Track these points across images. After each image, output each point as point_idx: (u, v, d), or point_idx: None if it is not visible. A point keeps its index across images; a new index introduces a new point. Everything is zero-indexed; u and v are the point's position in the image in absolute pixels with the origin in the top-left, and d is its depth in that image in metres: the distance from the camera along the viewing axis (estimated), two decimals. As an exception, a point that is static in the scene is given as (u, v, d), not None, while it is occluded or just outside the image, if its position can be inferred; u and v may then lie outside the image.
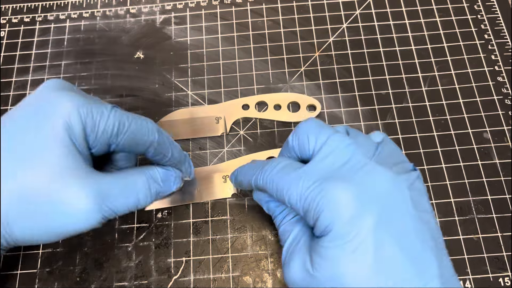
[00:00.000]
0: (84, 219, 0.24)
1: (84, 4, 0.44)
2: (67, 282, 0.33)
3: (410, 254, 0.23)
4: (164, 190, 0.29)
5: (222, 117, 0.38)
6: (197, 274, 0.33)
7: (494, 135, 0.37)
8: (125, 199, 0.26)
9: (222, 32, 0.42)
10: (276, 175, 0.26)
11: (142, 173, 0.28)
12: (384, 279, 0.22)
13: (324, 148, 0.26)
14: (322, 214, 0.23)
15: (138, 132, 0.26)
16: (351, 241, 0.23)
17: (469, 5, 0.43)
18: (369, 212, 0.23)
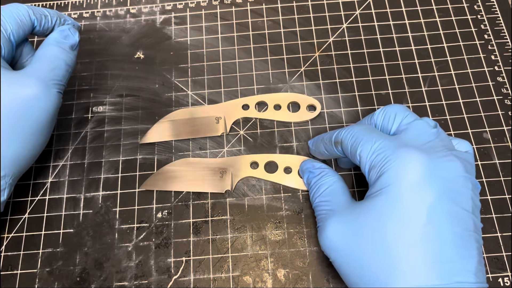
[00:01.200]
0: (44, 99, 0.30)
1: (84, 4, 0.44)
2: (67, 282, 0.33)
3: (457, 242, 0.24)
4: (72, 42, 0.34)
5: (222, 117, 0.38)
6: (197, 274, 0.33)
7: (494, 136, 0.37)
8: (57, 68, 0.32)
9: (222, 32, 0.42)
10: (359, 130, 0.29)
11: (46, 44, 0.33)
12: (424, 250, 0.23)
13: (410, 127, 0.28)
14: (388, 172, 0.25)
15: (12, 11, 0.31)
16: (407, 206, 0.24)
17: (469, 5, 0.43)
18: (434, 185, 0.24)
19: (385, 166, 0.26)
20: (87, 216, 0.35)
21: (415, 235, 0.24)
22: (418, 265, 0.23)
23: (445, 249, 0.23)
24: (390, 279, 0.24)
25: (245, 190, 0.35)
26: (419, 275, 0.23)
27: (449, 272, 0.23)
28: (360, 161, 0.28)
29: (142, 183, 0.36)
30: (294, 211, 0.35)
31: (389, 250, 0.24)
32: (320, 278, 0.32)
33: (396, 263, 0.24)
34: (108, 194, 0.36)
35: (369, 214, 0.26)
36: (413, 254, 0.24)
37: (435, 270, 0.23)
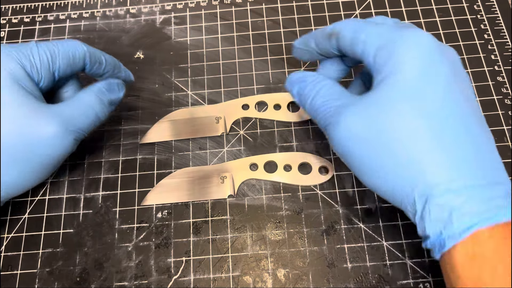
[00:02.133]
0: (58, 143, 0.29)
1: (84, 4, 0.44)
2: (67, 282, 0.33)
3: (478, 120, 0.25)
4: (114, 98, 0.33)
5: (222, 117, 0.38)
6: (197, 274, 0.33)
7: (494, 135, 0.36)
8: (85, 116, 0.30)
9: (222, 32, 0.42)
10: (358, 21, 0.28)
11: (88, 91, 0.32)
12: (451, 125, 0.24)
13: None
14: (400, 48, 0.25)
15: (68, 50, 0.30)
16: (426, 86, 0.24)
17: (468, 5, 0.43)
18: (444, 65, 0.25)
19: (393, 46, 0.25)
20: (87, 216, 0.35)
21: (435, 113, 0.24)
22: (445, 141, 0.23)
23: (466, 123, 0.24)
24: (422, 155, 0.23)
25: (245, 190, 0.35)
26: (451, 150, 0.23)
27: (477, 144, 0.24)
28: (364, 47, 0.26)
29: (142, 183, 0.36)
30: (294, 211, 0.35)
31: (415, 132, 0.24)
32: (320, 278, 0.32)
33: (423, 142, 0.23)
34: (108, 194, 0.36)
35: (384, 101, 0.25)
36: (437, 131, 0.23)
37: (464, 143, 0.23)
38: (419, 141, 0.23)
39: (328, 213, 0.34)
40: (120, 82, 0.34)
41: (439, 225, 0.23)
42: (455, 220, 0.22)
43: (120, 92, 0.34)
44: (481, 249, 0.21)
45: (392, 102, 0.24)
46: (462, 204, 0.22)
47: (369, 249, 0.33)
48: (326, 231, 0.34)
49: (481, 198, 0.22)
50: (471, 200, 0.22)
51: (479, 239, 0.21)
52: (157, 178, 0.36)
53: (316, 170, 0.35)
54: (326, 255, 0.33)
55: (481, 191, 0.22)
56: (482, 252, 0.21)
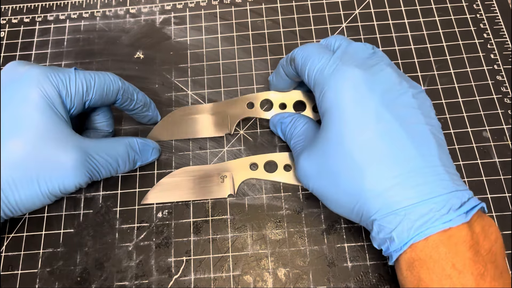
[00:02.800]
0: (72, 176, 0.28)
1: (84, 5, 0.44)
2: (68, 282, 0.33)
3: (410, 132, 0.26)
4: (142, 159, 0.34)
5: (227, 116, 0.37)
6: (197, 274, 0.33)
7: (493, 134, 0.37)
8: (106, 161, 0.30)
9: (222, 32, 0.42)
10: (310, 48, 0.31)
11: (122, 140, 0.32)
12: (385, 148, 0.26)
13: (350, 46, 0.30)
14: (328, 90, 0.28)
15: (104, 83, 0.31)
16: (354, 115, 0.27)
17: (468, 4, 0.43)
18: (374, 93, 0.27)
19: (326, 84, 0.28)
20: (88, 216, 0.35)
21: (369, 138, 0.26)
22: (379, 161, 0.26)
23: (400, 142, 0.26)
24: (361, 184, 0.26)
25: (245, 190, 0.36)
26: (383, 169, 0.26)
27: (408, 159, 0.25)
28: (307, 78, 0.30)
29: (142, 183, 0.36)
30: (294, 210, 0.35)
31: (352, 158, 0.26)
32: (321, 277, 0.32)
33: (361, 167, 0.26)
34: (109, 193, 0.36)
35: (327, 135, 0.28)
36: (371, 153, 0.26)
37: (395, 160, 0.26)
38: (361, 170, 0.26)
39: (328, 212, 0.34)
40: (157, 147, 0.35)
41: (386, 242, 0.26)
42: (395, 237, 0.25)
43: (151, 157, 0.35)
44: (418, 255, 0.25)
45: (332, 137, 0.28)
46: (399, 223, 0.25)
47: (370, 248, 0.33)
48: (327, 230, 0.34)
49: (416, 215, 0.25)
50: (407, 219, 0.25)
51: (416, 249, 0.25)
52: (157, 177, 0.36)
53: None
54: (327, 254, 0.33)
55: (417, 209, 0.25)
56: (419, 257, 0.25)
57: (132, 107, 0.34)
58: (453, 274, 0.24)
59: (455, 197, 0.25)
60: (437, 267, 0.24)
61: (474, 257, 0.24)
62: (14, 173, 0.27)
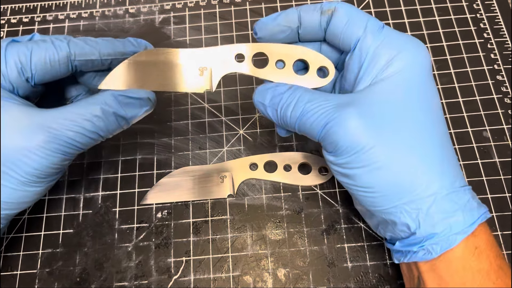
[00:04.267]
0: (39, 156, 0.25)
1: (83, 4, 0.44)
2: (67, 282, 0.33)
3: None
4: (129, 115, 0.27)
5: (208, 69, 0.29)
6: (197, 274, 0.33)
7: (493, 134, 0.37)
8: (80, 129, 0.25)
9: (222, 31, 0.42)
10: (356, 8, 0.27)
11: (95, 101, 0.26)
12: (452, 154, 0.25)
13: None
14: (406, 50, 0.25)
15: (45, 55, 0.26)
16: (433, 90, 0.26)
17: (468, 4, 0.43)
18: (432, 81, 0.26)
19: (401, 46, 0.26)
20: (87, 216, 0.35)
21: (437, 115, 0.26)
22: (446, 144, 0.26)
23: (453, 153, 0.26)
24: (427, 155, 0.24)
25: (245, 190, 0.35)
26: (448, 149, 0.26)
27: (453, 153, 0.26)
28: (365, 38, 0.25)
29: (141, 183, 0.36)
30: (294, 210, 0.35)
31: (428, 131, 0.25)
32: (321, 278, 0.32)
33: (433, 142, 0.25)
34: (108, 194, 0.36)
35: (395, 93, 0.25)
36: (442, 133, 0.26)
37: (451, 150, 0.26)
38: (431, 141, 0.25)
39: (328, 213, 0.34)
40: (145, 97, 0.28)
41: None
42: (432, 250, 0.24)
43: (142, 109, 0.28)
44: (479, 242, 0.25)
45: (404, 99, 0.25)
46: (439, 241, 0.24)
47: (370, 248, 0.33)
48: (326, 231, 0.34)
49: (453, 229, 0.24)
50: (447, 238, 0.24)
51: (478, 234, 0.25)
52: (157, 177, 0.36)
53: (316, 170, 0.35)
54: (326, 254, 0.33)
55: (453, 218, 0.24)
56: (479, 244, 0.24)
57: (101, 67, 0.28)
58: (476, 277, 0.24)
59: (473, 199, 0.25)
60: (493, 255, 0.24)
61: (498, 256, 0.25)
62: None
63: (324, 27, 0.27)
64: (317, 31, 0.27)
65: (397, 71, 0.25)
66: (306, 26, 0.27)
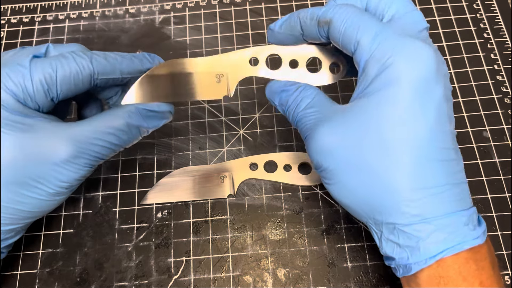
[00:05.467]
0: (69, 170, 0.26)
1: (83, 4, 0.44)
2: (67, 282, 0.33)
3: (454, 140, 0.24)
4: (150, 127, 0.29)
5: (225, 75, 0.30)
6: (197, 274, 0.33)
7: (493, 134, 0.37)
8: (105, 142, 0.27)
9: (222, 31, 0.42)
10: (353, 12, 0.25)
11: (118, 114, 0.27)
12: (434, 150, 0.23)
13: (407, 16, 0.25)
14: (395, 64, 0.23)
15: (69, 74, 0.26)
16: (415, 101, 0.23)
17: (468, 4, 0.43)
18: (440, 84, 0.24)
19: (392, 57, 0.23)
20: (87, 216, 0.35)
21: (422, 135, 0.23)
22: (425, 168, 0.23)
23: (447, 146, 0.23)
24: (393, 180, 0.23)
25: (245, 190, 0.35)
26: (425, 174, 0.23)
27: (451, 172, 0.23)
28: (357, 50, 0.24)
29: (142, 183, 0.36)
30: (294, 210, 0.35)
31: (395, 149, 0.23)
32: (321, 278, 0.32)
33: (403, 165, 0.23)
34: (108, 194, 0.36)
35: (370, 115, 0.23)
36: (421, 155, 0.23)
37: (441, 171, 0.23)
38: (400, 164, 0.23)
39: (328, 212, 0.34)
40: (166, 111, 0.29)
41: (405, 251, 0.23)
42: (421, 248, 0.23)
43: (162, 121, 0.29)
44: (446, 271, 0.23)
45: (376, 118, 0.23)
46: (430, 233, 0.23)
47: (370, 248, 0.33)
48: (326, 231, 0.34)
49: (448, 228, 0.23)
50: (439, 230, 0.23)
51: (444, 264, 0.23)
52: (157, 177, 0.36)
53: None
54: (327, 254, 0.33)
55: (448, 221, 0.23)
56: (447, 274, 0.23)
57: (121, 82, 0.29)
58: None
59: (474, 214, 0.24)
60: (466, 285, 0.22)
61: (495, 274, 0.23)
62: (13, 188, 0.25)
63: (324, 37, 0.27)
64: (319, 39, 0.27)
65: (381, 87, 0.23)
66: (308, 34, 0.27)
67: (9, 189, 0.25)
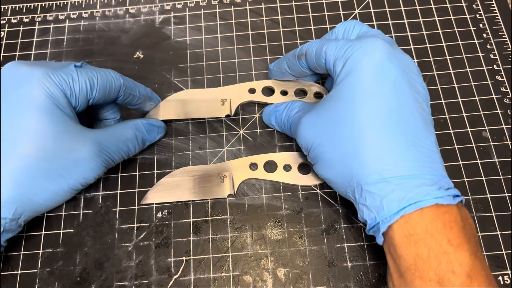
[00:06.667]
0: (91, 167, 0.29)
1: (83, 4, 0.44)
2: (68, 282, 0.33)
3: (419, 114, 0.27)
4: (150, 139, 0.36)
5: (228, 100, 0.37)
6: (197, 274, 0.33)
7: (493, 134, 0.37)
8: (118, 147, 0.32)
9: (222, 31, 0.42)
10: (322, 39, 0.32)
11: (128, 125, 0.33)
12: (394, 120, 0.26)
13: (368, 33, 0.30)
14: (352, 56, 0.28)
15: (106, 82, 0.31)
16: (372, 81, 0.27)
17: (467, 4, 0.43)
18: (395, 65, 0.27)
19: (349, 52, 0.28)
20: (87, 216, 0.35)
21: (381, 105, 0.26)
22: (386, 129, 0.26)
23: (409, 118, 0.26)
24: (362, 147, 0.26)
25: (245, 190, 0.36)
26: (388, 137, 0.26)
27: (414, 136, 0.26)
28: (326, 58, 0.30)
29: (142, 183, 0.36)
30: (294, 210, 0.35)
31: (360, 123, 0.26)
32: (320, 277, 0.32)
33: (366, 131, 0.26)
34: (108, 194, 0.36)
35: (337, 98, 0.28)
36: (380, 121, 0.26)
37: (402, 133, 0.26)
38: (363, 133, 0.26)
39: (328, 212, 0.34)
40: (162, 126, 0.36)
41: (373, 211, 0.26)
42: (385, 206, 0.25)
43: (158, 135, 0.36)
44: (414, 229, 0.24)
45: (343, 99, 0.28)
46: (391, 191, 0.25)
47: (369, 248, 0.33)
48: (326, 230, 0.34)
49: (409, 186, 0.25)
50: (399, 188, 0.25)
51: (411, 221, 0.25)
52: (157, 177, 0.36)
53: (316, 169, 0.36)
54: (326, 254, 0.33)
55: (410, 180, 0.25)
56: (415, 231, 0.24)
57: (135, 102, 0.35)
58: (449, 250, 0.23)
59: (443, 181, 0.26)
60: (434, 242, 0.24)
61: (465, 236, 0.24)
62: (31, 175, 0.27)
63: (305, 67, 0.33)
64: (302, 72, 0.34)
65: (345, 75, 0.28)
66: (293, 70, 0.35)
67: (33, 178, 0.27)
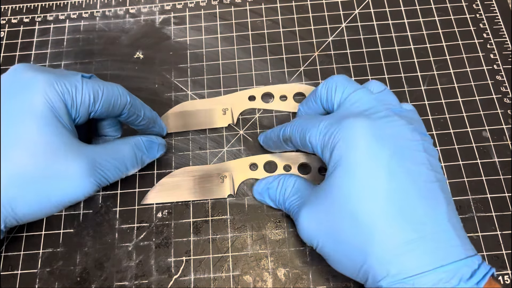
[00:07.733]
0: (80, 186, 0.27)
1: (84, 5, 0.44)
2: (68, 282, 0.33)
3: (422, 193, 0.24)
4: (150, 157, 0.33)
5: (229, 109, 0.38)
6: (197, 274, 0.33)
7: (493, 134, 0.37)
8: (114, 166, 0.29)
9: (222, 32, 0.42)
10: (303, 120, 0.30)
11: (127, 141, 0.31)
12: (396, 210, 0.24)
13: (349, 97, 0.29)
14: (337, 145, 0.26)
15: (111, 97, 0.29)
16: (364, 171, 0.25)
17: (467, 4, 0.43)
18: (384, 146, 0.25)
19: (333, 141, 0.26)
20: (87, 216, 0.35)
21: (379, 197, 0.24)
22: (390, 224, 0.24)
23: (411, 202, 0.24)
24: (368, 245, 0.24)
25: (245, 190, 0.36)
26: (394, 233, 0.24)
27: (420, 222, 0.24)
28: (312, 146, 0.28)
29: (142, 183, 0.36)
30: (294, 210, 0.35)
31: (360, 217, 0.24)
32: (320, 277, 0.32)
33: (369, 227, 0.24)
34: (108, 193, 0.36)
35: (332, 191, 0.26)
36: (382, 214, 0.24)
37: (408, 223, 0.24)
38: (362, 235, 0.24)
39: (328, 212, 0.34)
40: (163, 143, 0.34)
41: None
42: None
43: (158, 153, 0.34)
44: None
45: (340, 193, 0.26)
46: None
47: (369, 248, 0.33)
48: (326, 230, 0.34)
49: (425, 286, 0.23)
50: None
51: None
52: (157, 177, 0.36)
53: (316, 170, 0.35)
54: (326, 254, 0.33)
55: (425, 279, 0.23)
56: None
57: (138, 122, 0.33)
58: None
59: (465, 265, 0.23)
60: None
61: None
62: (18, 184, 0.25)
63: (293, 148, 0.32)
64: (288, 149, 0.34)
65: (334, 168, 0.26)
66: (282, 149, 0.34)
67: (18, 188, 0.25)
